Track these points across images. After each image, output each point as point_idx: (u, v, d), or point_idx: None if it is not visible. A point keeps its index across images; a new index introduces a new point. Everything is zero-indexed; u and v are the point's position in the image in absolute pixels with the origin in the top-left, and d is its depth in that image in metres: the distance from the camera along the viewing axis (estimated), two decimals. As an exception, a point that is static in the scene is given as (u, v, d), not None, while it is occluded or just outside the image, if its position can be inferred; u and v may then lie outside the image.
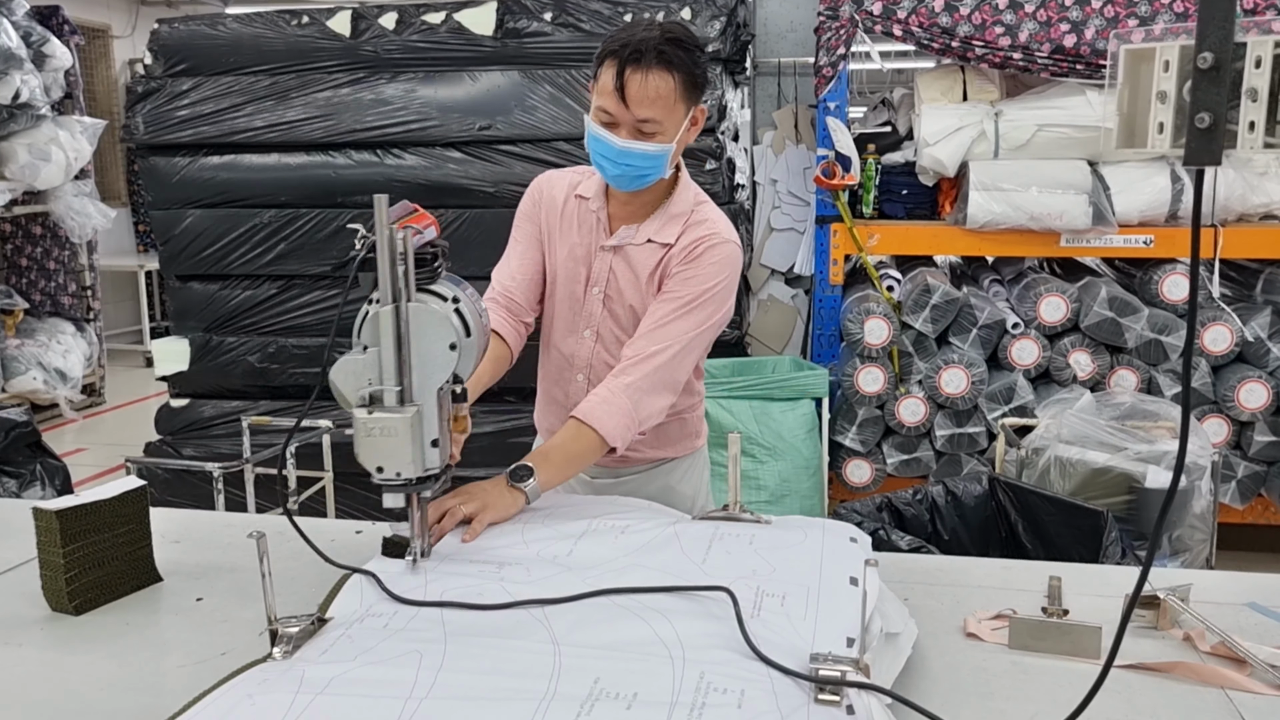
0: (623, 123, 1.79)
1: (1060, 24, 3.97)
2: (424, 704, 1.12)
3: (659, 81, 1.75)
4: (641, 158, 1.80)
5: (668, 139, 1.81)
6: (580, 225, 1.98)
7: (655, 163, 1.82)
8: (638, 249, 1.93)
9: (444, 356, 1.41)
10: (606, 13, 4.36)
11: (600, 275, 1.96)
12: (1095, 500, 2.78)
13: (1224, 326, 4.05)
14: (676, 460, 2.15)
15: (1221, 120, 0.87)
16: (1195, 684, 1.34)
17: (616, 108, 1.77)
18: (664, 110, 1.78)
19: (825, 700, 1.13)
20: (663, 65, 1.75)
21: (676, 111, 1.80)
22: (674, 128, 1.81)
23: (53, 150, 6.38)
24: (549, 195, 2.04)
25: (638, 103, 1.76)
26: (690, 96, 1.82)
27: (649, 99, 1.76)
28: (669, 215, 1.93)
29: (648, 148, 1.80)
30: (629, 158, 1.80)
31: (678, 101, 1.79)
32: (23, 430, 3.65)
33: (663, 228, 1.92)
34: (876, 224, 4.34)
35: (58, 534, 1.57)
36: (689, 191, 1.96)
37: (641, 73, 1.74)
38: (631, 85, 1.75)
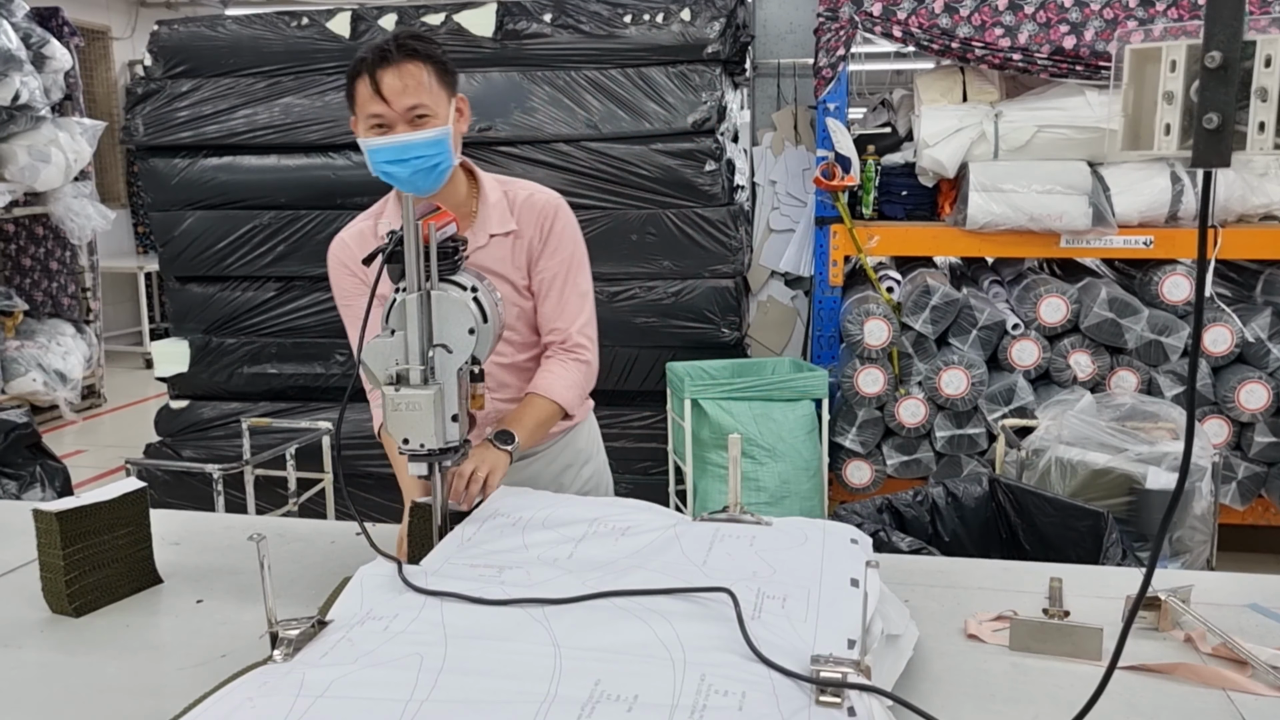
0: (394, 121, 1.83)
1: (1060, 25, 3.97)
2: (425, 707, 1.12)
3: (412, 70, 1.82)
4: (424, 145, 1.84)
5: (441, 121, 1.86)
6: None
7: (439, 148, 1.86)
8: (486, 250, 1.99)
9: (464, 340, 1.56)
10: (606, 14, 4.36)
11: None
12: (1096, 501, 2.77)
13: (1224, 327, 4.05)
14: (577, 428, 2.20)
15: (1230, 121, 0.86)
16: (1196, 685, 1.34)
17: (382, 108, 1.82)
18: (427, 94, 1.83)
19: (826, 702, 1.13)
20: (410, 57, 1.82)
21: (439, 96, 1.86)
22: (443, 112, 1.86)
23: (52, 152, 6.38)
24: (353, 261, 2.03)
25: (399, 94, 1.81)
26: (446, 83, 1.88)
27: (409, 88, 1.82)
28: (490, 206, 2.01)
29: (426, 134, 1.84)
30: (413, 150, 1.84)
31: (437, 87, 1.85)
32: (23, 432, 3.65)
33: (496, 220, 1.99)
34: (876, 225, 4.34)
35: (58, 536, 1.57)
36: (489, 178, 2.05)
37: (393, 68, 1.81)
38: (387, 81, 1.81)
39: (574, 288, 2.02)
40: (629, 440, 4.48)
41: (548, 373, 1.98)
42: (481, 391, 1.63)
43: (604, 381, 4.49)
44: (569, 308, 2.01)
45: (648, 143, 4.26)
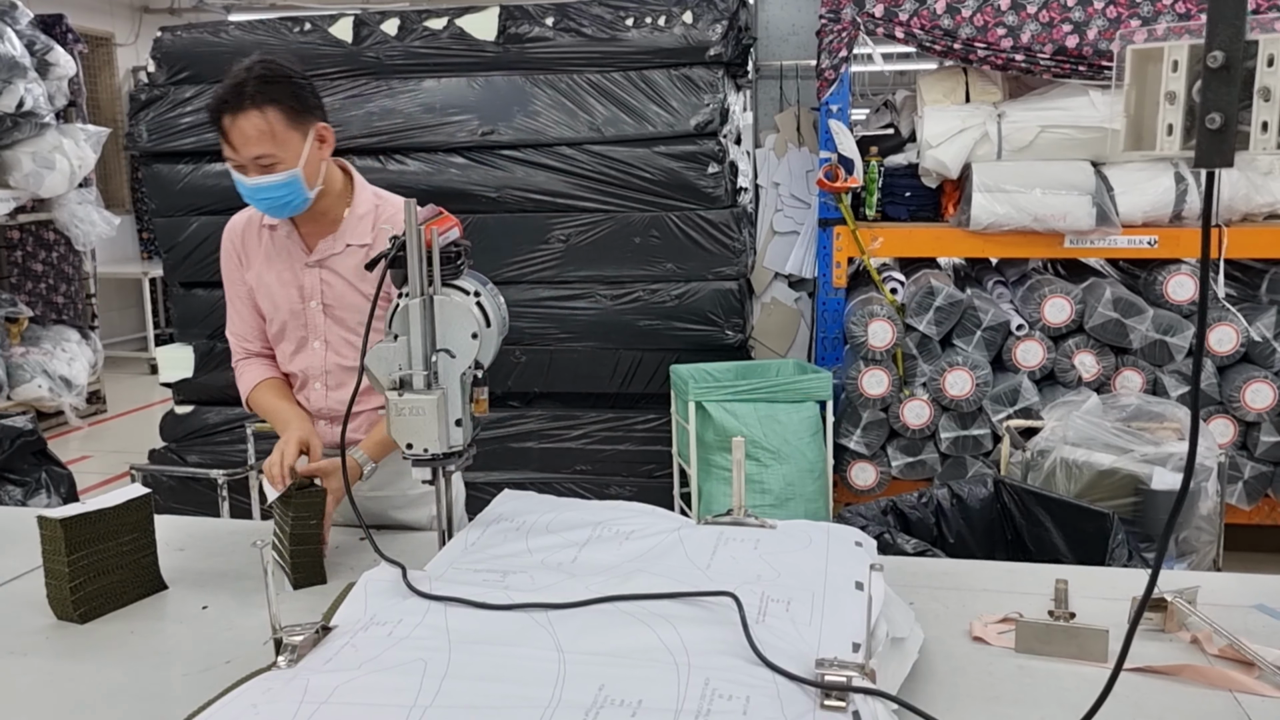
0: (244, 164, 1.92)
1: (1062, 25, 3.97)
2: (429, 712, 1.12)
3: (255, 121, 1.87)
4: (272, 189, 1.93)
5: (290, 165, 1.92)
6: (279, 252, 2.11)
7: (288, 189, 1.94)
8: (341, 256, 2.06)
9: (467, 344, 1.57)
10: (608, 17, 4.36)
11: (313, 289, 2.08)
12: (1101, 502, 2.76)
13: (1229, 327, 4.04)
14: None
15: (1233, 121, 0.86)
16: (1203, 687, 1.34)
17: (231, 153, 1.92)
18: (271, 144, 1.89)
19: (831, 706, 1.13)
20: (254, 106, 1.87)
21: (288, 139, 1.91)
22: (293, 154, 1.92)
23: (57, 158, 6.39)
24: (239, 240, 2.17)
25: (242, 145, 1.89)
26: (297, 122, 1.92)
27: (251, 139, 1.88)
28: (356, 218, 2.07)
29: (274, 179, 1.92)
30: (262, 192, 1.94)
31: (286, 130, 1.90)
32: (28, 438, 3.65)
33: (356, 230, 2.06)
34: (879, 226, 4.33)
35: (63, 543, 1.57)
36: (366, 192, 2.11)
37: (238, 117, 1.88)
38: (233, 132, 1.89)
39: None
40: (632, 443, 4.48)
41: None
42: (484, 396, 1.63)
43: (607, 384, 4.53)
44: None
45: (650, 145, 4.26)
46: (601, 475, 4.49)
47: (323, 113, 2.01)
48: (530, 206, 4.36)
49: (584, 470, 4.50)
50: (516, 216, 4.36)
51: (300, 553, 1.68)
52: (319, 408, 2.15)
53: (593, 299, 4.39)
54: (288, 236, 2.09)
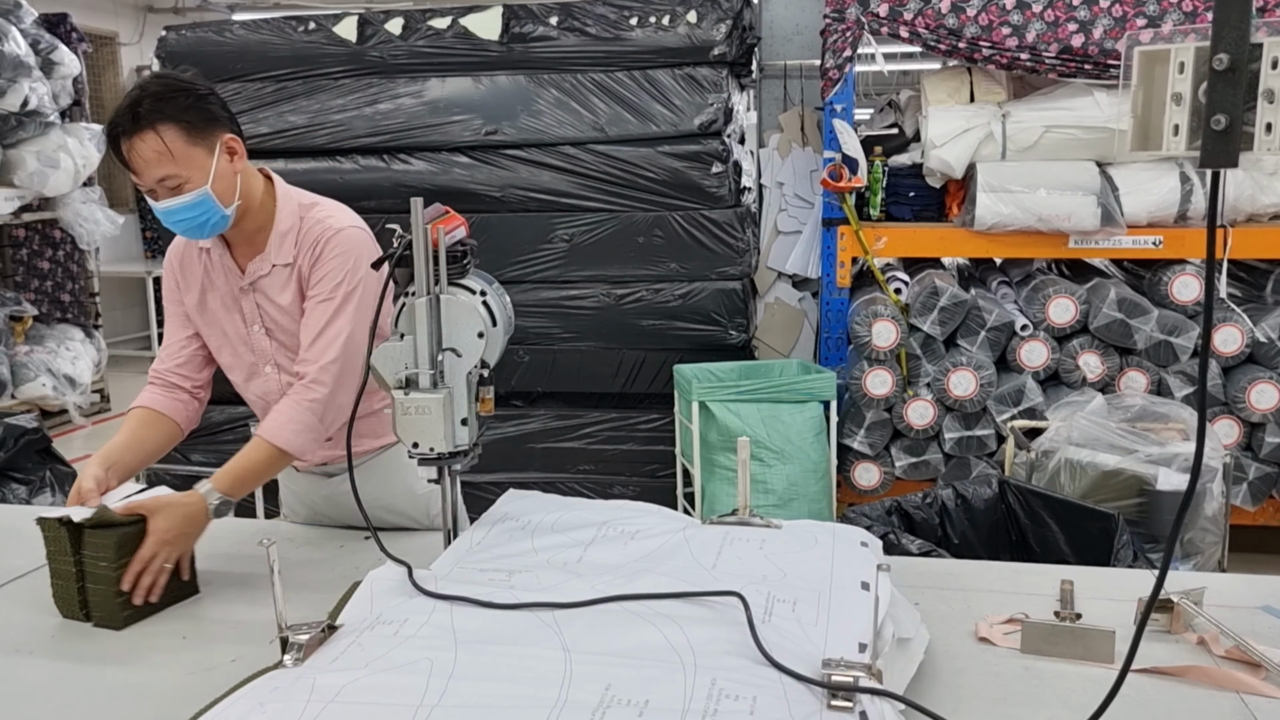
0: (151, 187, 1.81)
1: (1068, 24, 3.96)
2: (435, 712, 1.12)
3: (152, 141, 1.77)
4: (185, 209, 1.82)
5: (198, 183, 1.81)
6: (216, 276, 2.01)
7: (201, 208, 1.83)
8: (268, 278, 1.96)
9: (473, 343, 1.56)
10: (612, 17, 4.36)
11: (252, 314, 2.00)
12: (1106, 503, 2.76)
13: (1234, 327, 4.03)
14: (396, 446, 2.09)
15: (1238, 122, 0.86)
16: (1209, 688, 1.34)
17: (135, 178, 1.82)
18: (171, 165, 1.79)
19: (838, 706, 1.13)
20: (146, 127, 1.76)
21: (191, 157, 1.80)
22: (199, 171, 1.81)
23: (61, 157, 6.40)
24: (178, 264, 2.06)
25: (143, 169, 1.79)
26: (199, 137, 1.81)
27: (149, 161, 1.78)
28: (280, 235, 1.95)
29: (185, 199, 1.81)
30: (174, 215, 1.83)
31: (187, 147, 1.80)
32: (32, 437, 3.66)
33: (281, 249, 1.95)
34: (884, 226, 4.33)
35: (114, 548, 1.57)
36: (290, 204, 1.97)
37: (130, 141, 1.77)
38: (130, 156, 1.79)
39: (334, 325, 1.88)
40: (636, 443, 4.48)
41: (278, 413, 1.86)
42: (489, 395, 1.62)
43: (611, 384, 4.53)
44: (320, 343, 1.88)
45: (654, 145, 4.26)
46: (605, 475, 4.49)
47: (231, 123, 1.90)
48: (534, 206, 4.36)
49: (587, 470, 4.50)
50: (520, 216, 4.37)
51: (96, 592, 1.59)
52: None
53: (596, 298, 4.39)
54: (221, 258, 1.99)
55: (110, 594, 1.57)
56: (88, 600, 1.60)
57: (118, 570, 1.57)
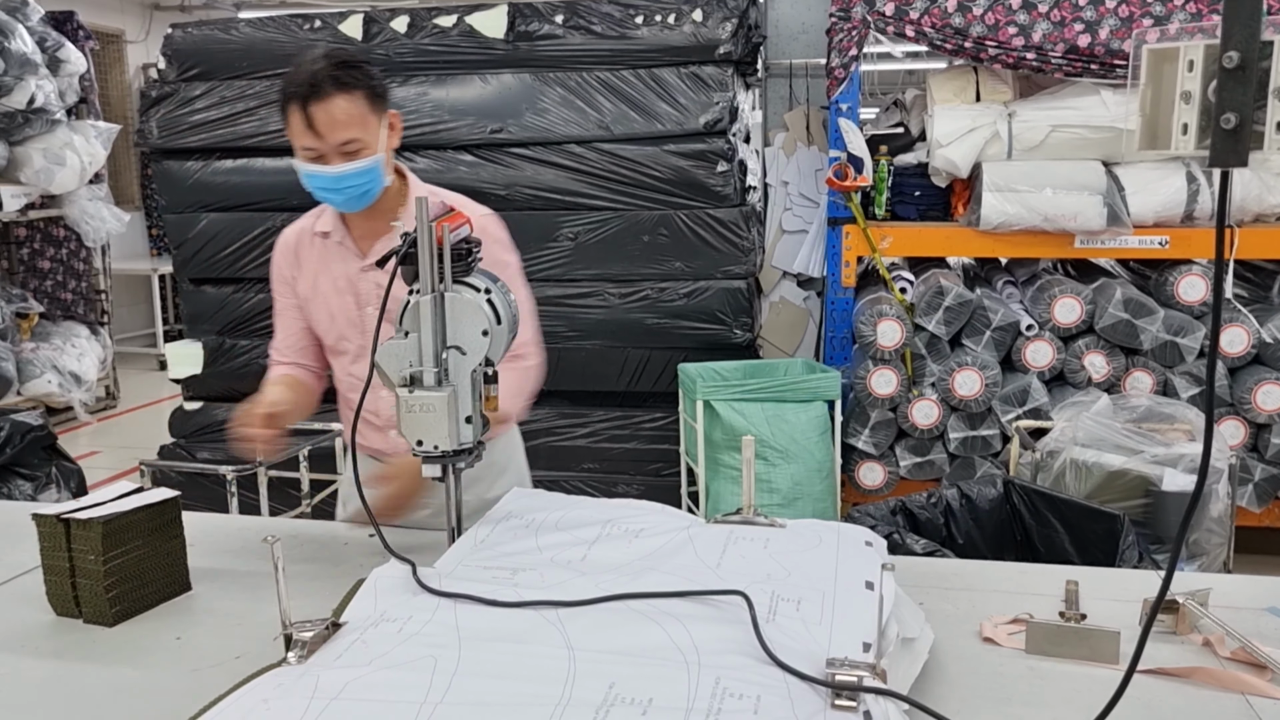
0: (327, 152, 1.88)
1: (1074, 24, 3.95)
2: (439, 709, 1.12)
3: (343, 104, 1.86)
4: (357, 176, 1.90)
5: (373, 151, 1.91)
6: (332, 262, 2.07)
7: (372, 176, 1.92)
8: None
9: (477, 341, 1.56)
10: (617, 15, 4.36)
11: (369, 295, 2.04)
12: (1111, 503, 2.76)
13: (1240, 328, 4.02)
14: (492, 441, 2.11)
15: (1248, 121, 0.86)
16: (1215, 689, 1.33)
17: (315, 141, 1.88)
18: (359, 128, 1.88)
19: (842, 706, 1.12)
20: (340, 89, 1.85)
21: (370, 124, 1.90)
22: (374, 140, 1.91)
23: (67, 155, 6.41)
24: (291, 254, 2.13)
25: (331, 129, 1.86)
26: (377, 107, 1.91)
27: (340, 123, 1.86)
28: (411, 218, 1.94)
29: (359, 165, 1.89)
30: (346, 180, 1.90)
31: (368, 115, 1.89)
32: (38, 433, 3.66)
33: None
34: (889, 225, 4.33)
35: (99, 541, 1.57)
36: (420, 189, 2.07)
37: (324, 103, 1.85)
38: (319, 117, 1.85)
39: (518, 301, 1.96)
40: (640, 441, 4.48)
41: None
42: (495, 393, 1.61)
43: (615, 382, 4.52)
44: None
45: (659, 144, 4.26)
46: (609, 474, 4.49)
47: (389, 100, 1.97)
48: (539, 205, 4.36)
49: (591, 468, 4.50)
50: (525, 214, 4.37)
51: (85, 587, 1.59)
52: (388, 417, 2.07)
53: (601, 297, 4.39)
54: (340, 243, 2.06)
55: (99, 589, 1.57)
56: (79, 596, 1.60)
57: (105, 565, 1.57)
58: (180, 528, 1.71)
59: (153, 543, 1.65)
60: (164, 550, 1.67)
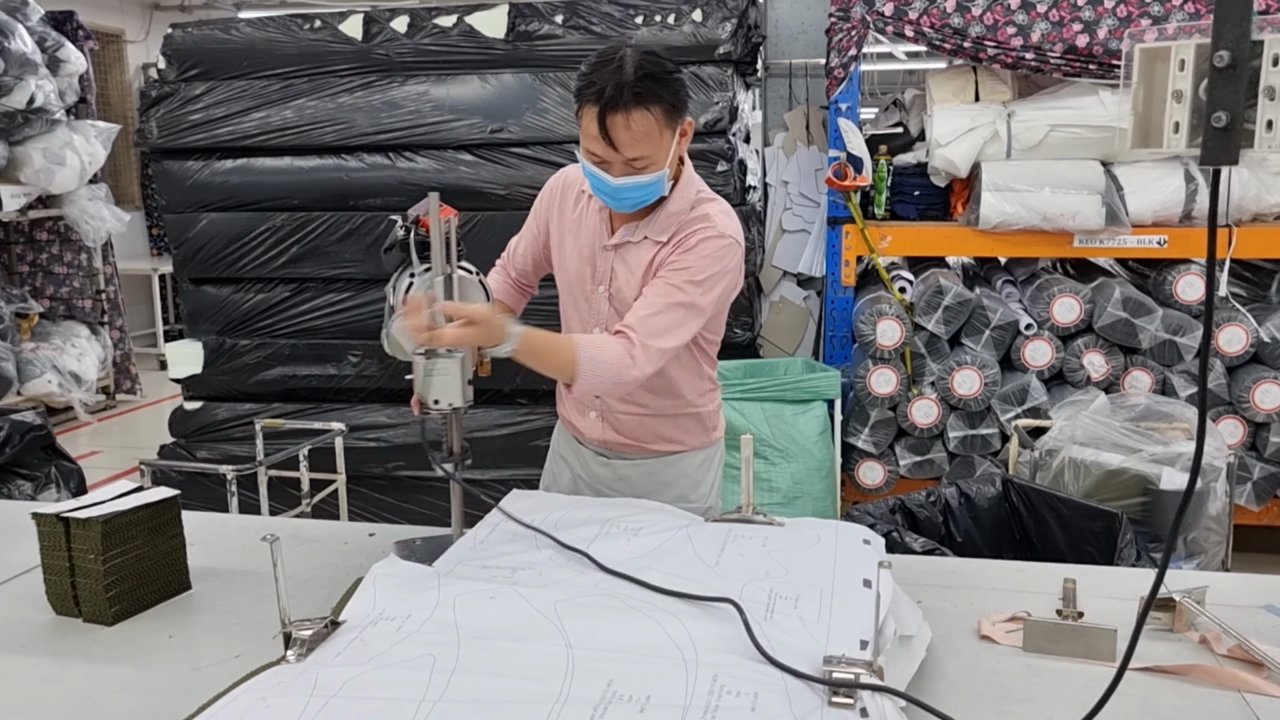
0: (613, 162, 1.83)
1: (1073, 24, 3.95)
2: (437, 707, 1.12)
3: (641, 121, 1.78)
4: (637, 189, 1.85)
5: (659, 167, 1.84)
6: (585, 225, 2.04)
7: (652, 190, 1.87)
8: (636, 246, 1.97)
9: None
10: (618, 15, 4.36)
11: (604, 274, 2.01)
12: (1109, 502, 2.76)
13: (1239, 327, 4.02)
14: (692, 452, 2.16)
15: (1239, 119, 0.86)
16: (1212, 687, 1.34)
17: (605, 151, 1.81)
18: (651, 145, 1.81)
19: (839, 703, 1.13)
20: (641, 104, 1.77)
21: (663, 140, 1.83)
22: (663, 155, 1.84)
23: (67, 154, 6.41)
24: (559, 195, 2.11)
25: (624, 145, 1.79)
26: (673, 121, 1.84)
27: (634, 140, 1.79)
28: (668, 213, 1.96)
29: (642, 179, 1.84)
30: (625, 192, 1.86)
31: (663, 129, 1.82)
32: (37, 433, 3.66)
33: (661, 226, 1.95)
34: (888, 225, 4.33)
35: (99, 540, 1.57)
36: (690, 189, 1.97)
37: (623, 115, 1.77)
38: (615, 130, 1.78)
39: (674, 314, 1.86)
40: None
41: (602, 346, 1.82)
42: (488, 359, 1.73)
43: (616, 382, 4.50)
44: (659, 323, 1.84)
45: (659, 143, 4.25)
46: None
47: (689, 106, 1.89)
48: (539, 204, 4.36)
49: (591, 468, 4.50)
50: (525, 214, 4.36)
51: (84, 585, 1.60)
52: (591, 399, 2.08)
53: (601, 297, 4.39)
54: (598, 211, 2.00)
55: (98, 588, 1.58)
56: (79, 596, 1.61)
57: (105, 564, 1.57)
58: (180, 527, 1.71)
59: (152, 542, 1.66)
60: (163, 549, 1.68)
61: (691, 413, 2.12)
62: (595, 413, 2.12)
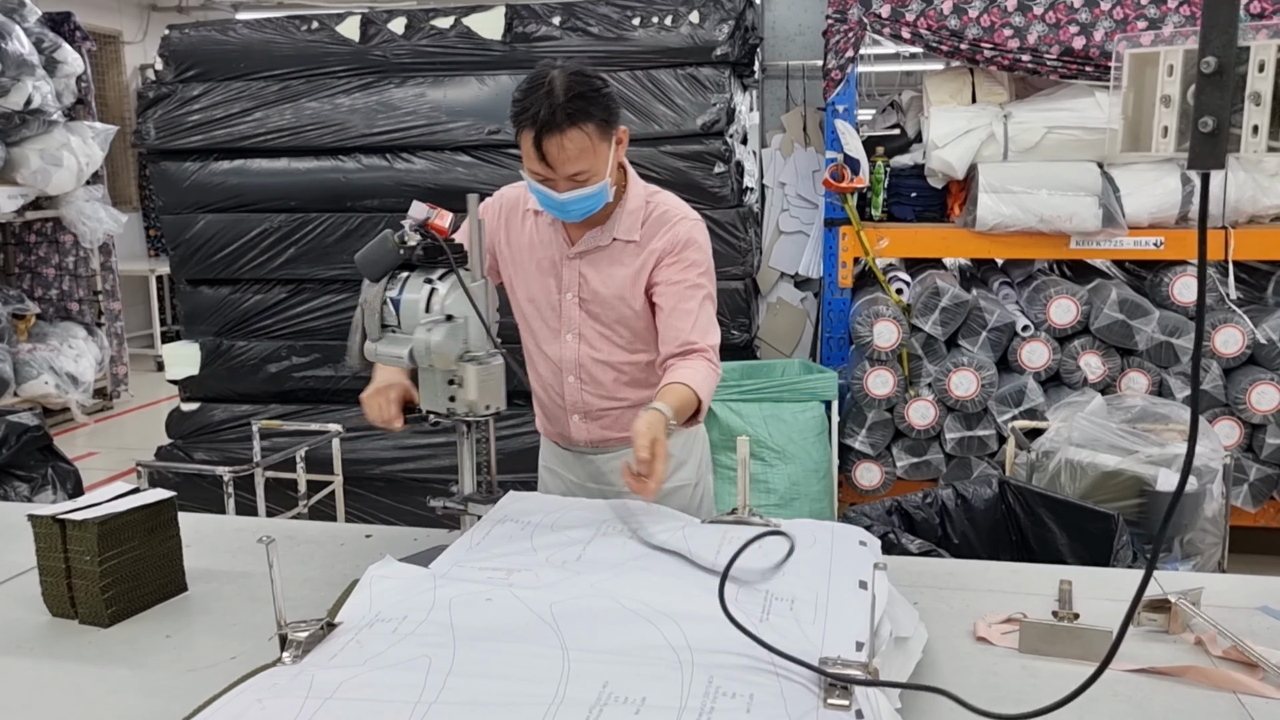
0: (556, 179, 1.88)
1: (1069, 26, 3.96)
2: (433, 708, 1.12)
3: (577, 140, 1.84)
4: (583, 200, 1.91)
5: (600, 176, 1.91)
6: (540, 240, 2.09)
7: (597, 199, 1.93)
8: (605, 250, 2.04)
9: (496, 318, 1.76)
10: (614, 16, 4.36)
11: (571, 281, 2.07)
12: (1106, 503, 2.76)
13: (1235, 329, 4.03)
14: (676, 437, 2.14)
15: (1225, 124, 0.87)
16: (1207, 688, 1.34)
17: (545, 170, 1.88)
18: (588, 160, 1.87)
19: (834, 704, 1.13)
20: (574, 124, 1.83)
21: (600, 152, 1.89)
22: (603, 166, 1.90)
23: (64, 156, 6.41)
24: (504, 218, 2.14)
25: (562, 164, 1.85)
26: (606, 134, 1.90)
27: (572, 158, 1.85)
28: (626, 212, 2.04)
29: (587, 191, 1.90)
30: (572, 204, 1.92)
31: (599, 143, 1.88)
32: (34, 434, 3.66)
33: (627, 225, 2.03)
34: (886, 227, 4.33)
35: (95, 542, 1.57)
36: (637, 186, 2.06)
37: (558, 136, 1.83)
38: (551, 150, 1.84)
39: (706, 310, 2.03)
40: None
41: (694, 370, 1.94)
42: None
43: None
44: (701, 325, 2.01)
45: (656, 145, 4.26)
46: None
47: (620, 117, 1.96)
48: (536, 205, 4.36)
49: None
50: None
51: (81, 587, 1.60)
52: (573, 401, 2.16)
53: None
54: (551, 225, 2.07)
55: (94, 590, 1.58)
56: (75, 597, 1.61)
57: (101, 565, 1.57)
58: (176, 528, 1.71)
59: (148, 543, 1.66)
60: (160, 551, 1.68)
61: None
62: (578, 415, 2.17)
